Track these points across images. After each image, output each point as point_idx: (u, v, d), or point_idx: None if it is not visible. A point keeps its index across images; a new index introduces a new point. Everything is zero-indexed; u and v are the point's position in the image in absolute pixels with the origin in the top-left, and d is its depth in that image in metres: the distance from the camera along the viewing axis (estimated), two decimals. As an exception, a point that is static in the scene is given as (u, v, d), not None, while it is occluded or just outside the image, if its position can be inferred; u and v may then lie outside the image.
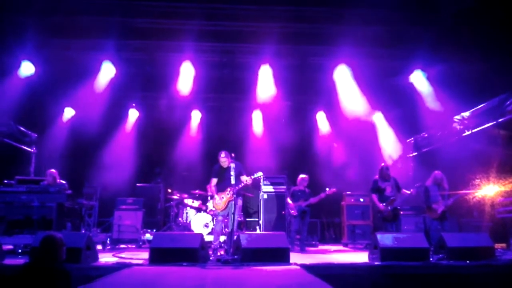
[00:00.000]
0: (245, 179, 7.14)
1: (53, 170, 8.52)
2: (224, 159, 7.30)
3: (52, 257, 3.88)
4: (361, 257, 7.36)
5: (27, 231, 7.09)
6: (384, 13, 8.66)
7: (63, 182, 8.48)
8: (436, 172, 8.11)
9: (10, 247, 7.00)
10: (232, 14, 8.92)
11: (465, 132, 9.50)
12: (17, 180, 8.12)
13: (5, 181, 7.84)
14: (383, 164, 8.48)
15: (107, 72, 10.38)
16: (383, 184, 8.13)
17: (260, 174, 7.33)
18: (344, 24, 8.90)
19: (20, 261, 5.49)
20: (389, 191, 8.03)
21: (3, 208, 7.36)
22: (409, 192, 7.99)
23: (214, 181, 7.39)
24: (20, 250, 6.89)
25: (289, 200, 9.25)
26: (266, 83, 10.92)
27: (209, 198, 7.52)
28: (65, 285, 3.78)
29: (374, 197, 8.13)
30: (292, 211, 9.04)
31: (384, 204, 7.95)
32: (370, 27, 9.03)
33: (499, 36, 7.80)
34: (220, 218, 7.36)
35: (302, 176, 9.43)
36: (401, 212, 8.24)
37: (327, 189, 9.00)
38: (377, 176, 8.33)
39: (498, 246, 7.40)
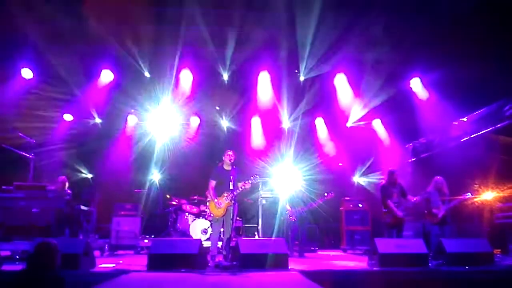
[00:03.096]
0: (240, 184, 7.13)
1: (63, 177, 8.53)
2: (231, 157, 7.25)
3: (46, 264, 3.87)
4: (360, 262, 7.35)
5: (25, 237, 7.05)
6: (382, 18, 8.69)
7: (69, 191, 8.50)
8: (437, 177, 8.06)
9: (8, 253, 6.96)
10: (230, 20, 8.96)
11: (463, 138, 9.51)
12: (15, 186, 8.08)
13: (3, 187, 7.82)
14: (391, 169, 8.29)
15: (106, 78, 10.42)
16: (391, 190, 8.00)
17: (257, 178, 7.30)
18: (342, 30, 8.93)
19: (17, 267, 5.46)
20: (396, 197, 7.95)
21: (2, 214, 7.33)
22: (414, 199, 7.93)
23: (212, 183, 7.34)
24: (18, 256, 6.84)
25: (287, 206, 9.23)
26: (265, 89, 10.99)
27: (207, 203, 7.49)
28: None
29: (390, 203, 7.83)
30: (291, 217, 9.02)
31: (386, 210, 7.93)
32: (368, 33, 9.07)
33: (497, 41, 7.84)
34: (217, 223, 7.32)
35: (300, 181, 9.45)
36: (405, 219, 8.15)
37: (326, 194, 9.00)
38: (385, 182, 8.25)
39: (496, 251, 7.39)
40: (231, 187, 7.03)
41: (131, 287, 4.95)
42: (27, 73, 9.67)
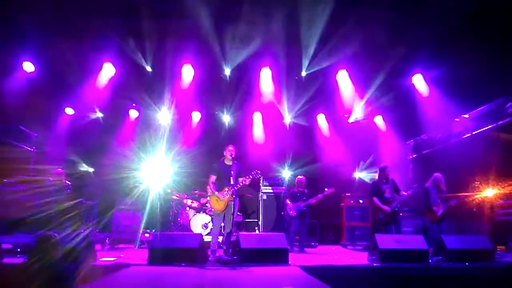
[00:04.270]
0: (241, 180, 7.13)
1: (59, 169, 8.54)
2: (232, 152, 7.26)
3: (48, 257, 3.88)
4: (361, 258, 7.36)
5: (27, 230, 7.08)
6: (384, 15, 8.66)
7: (68, 182, 8.50)
8: (436, 174, 8.07)
9: (9, 246, 6.98)
10: (233, 15, 8.93)
11: (465, 135, 9.50)
12: (17, 179, 8.11)
13: (5, 180, 7.84)
14: (382, 165, 8.41)
15: (107, 72, 10.41)
16: (382, 186, 8.09)
17: (258, 173, 7.30)
18: (344, 26, 8.90)
19: (19, 260, 5.48)
20: (388, 193, 7.99)
21: (3, 207, 7.36)
22: (406, 193, 7.97)
23: (212, 178, 7.34)
24: (19, 249, 6.87)
25: (288, 201, 9.24)
26: (266, 85, 10.98)
27: (208, 197, 7.48)
28: (62, 285, 3.78)
29: (376, 200, 8.03)
30: (291, 212, 9.04)
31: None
32: (370, 29, 9.03)
33: (499, 39, 7.82)
34: (218, 218, 7.34)
35: (299, 177, 9.47)
36: (400, 214, 8.21)
37: (326, 189, 9.01)
38: (377, 178, 8.31)
39: (500, 248, 7.41)
40: (232, 182, 7.03)
41: (132, 280, 4.97)
42: (28, 66, 9.66)
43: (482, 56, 8.02)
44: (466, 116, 9.46)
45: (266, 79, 10.99)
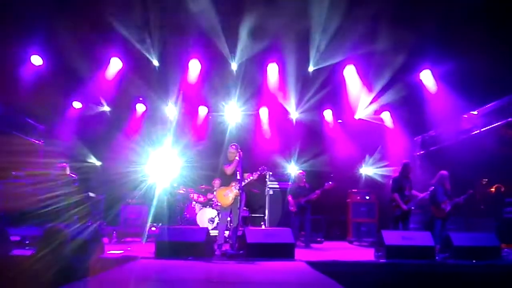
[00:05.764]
0: (246, 175, 7.14)
1: (64, 163, 8.61)
2: (233, 152, 7.27)
3: (56, 249, 3.91)
4: (367, 254, 7.35)
5: (35, 222, 7.14)
6: (392, 9, 8.59)
7: (73, 175, 8.56)
8: (442, 171, 7.99)
9: (18, 238, 7.05)
10: (240, 10, 8.90)
11: (473, 131, 9.43)
12: (25, 172, 8.18)
13: (13, 173, 7.90)
14: (405, 161, 8.22)
15: (115, 66, 10.44)
16: (404, 183, 7.94)
17: (264, 169, 7.30)
18: (351, 21, 8.84)
19: (27, 252, 5.54)
20: (407, 190, 7.89)
21: (12, 199, 7.42)
22: (422, 195, 7.89)
23: (227, 167, 7.27)
24: (27, 242, 6.94)
25: (289, 197, 9.22)
26: (273, 81, 10.96)
27: (214, 192, 7.47)
28: (68, 276, 3.82)
29: (397, 196, 7.80)
30: (292, 208, 9.03)
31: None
32: (378, 24, 8.97)
33: (509, 34, 7.73)
34: (224, 213, 7.35)
35: (299, 172, 9.45)
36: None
37: (325, 184, 8.95)
38: (398, 174, 8.15)
39: (504, 246, 7.36)
40: (239, 177, 7.05)
41: (139, 273, 5.00)
42: (36, 60, 9.70)
43: (491, 51, 7.94)
44: (475, 112, 9.38)
45: (273, 75, 10.95)
